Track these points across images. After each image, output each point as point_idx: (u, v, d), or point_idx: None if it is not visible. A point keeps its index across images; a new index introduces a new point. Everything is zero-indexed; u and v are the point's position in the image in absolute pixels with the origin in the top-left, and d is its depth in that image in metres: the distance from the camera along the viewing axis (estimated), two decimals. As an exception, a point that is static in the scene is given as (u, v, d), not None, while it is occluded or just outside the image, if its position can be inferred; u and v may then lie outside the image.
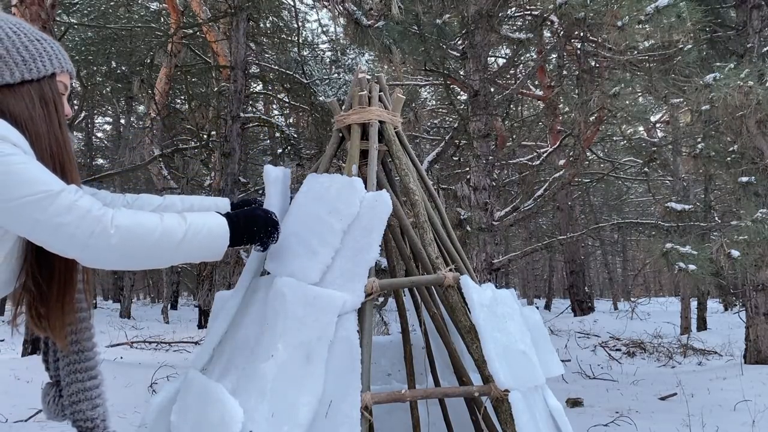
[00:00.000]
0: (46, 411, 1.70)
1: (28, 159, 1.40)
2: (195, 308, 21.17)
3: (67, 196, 1.40)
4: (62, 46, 1.63)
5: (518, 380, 2.08)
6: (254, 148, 17.49)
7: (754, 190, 6.84)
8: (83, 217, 1.40)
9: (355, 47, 9.97)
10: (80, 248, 1.42)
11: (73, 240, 1.40)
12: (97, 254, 1.44)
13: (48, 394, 1.69)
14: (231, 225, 1.70)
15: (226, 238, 1.68)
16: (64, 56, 1.61)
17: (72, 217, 1.39)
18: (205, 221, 1.63)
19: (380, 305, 7.35)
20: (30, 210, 1.36)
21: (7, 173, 1.34)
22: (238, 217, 1.75)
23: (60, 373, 1.65)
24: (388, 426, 2.99)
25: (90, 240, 1.41)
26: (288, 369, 1.90)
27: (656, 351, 10.21)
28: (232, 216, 1.73)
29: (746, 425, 5.07)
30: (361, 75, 2.58)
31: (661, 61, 6.88)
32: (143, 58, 10.74)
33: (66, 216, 1.38)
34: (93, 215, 1.42)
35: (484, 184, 7.84)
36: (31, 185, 1.36)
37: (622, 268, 31.06)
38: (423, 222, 2.39)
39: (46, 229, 1.38)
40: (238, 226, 1.73)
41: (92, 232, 1.41)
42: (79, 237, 1.40)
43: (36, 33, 1.56)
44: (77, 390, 1.63)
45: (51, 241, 1.41)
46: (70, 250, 1.43)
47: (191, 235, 1.57)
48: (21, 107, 1.48)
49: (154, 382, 6.24)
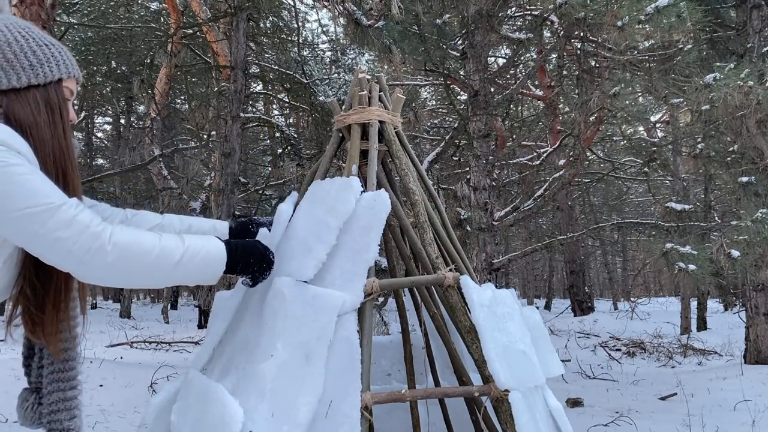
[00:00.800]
0: (21, 417, 1.67)
1: (31, 169, 1.40)
2: (195, 308, 21.17)
3: (68, 210, 1.39)
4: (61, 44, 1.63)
5: (518, 380, 2.08)
6: (254, 148, 17.51)
7: (754, 190, 6.84)
8: (82, 233, 1.40)
9: (355, 47, 9.97)
10: (76, 264, 1.42)
11: (69, 255, 1.40)
12: (93, 271, 1.44)
13: (27, 401, 1.66)
14: (229, 251, 1.69)
15: (222, 264, 1.67)
16: (72, 62, 1.60)
17: (71, 232, 1.38)
18: (203, 245, 1.62)
19: (380, 305, 7.35)
20: (30, 222, 1.35)
21: (9, 183, 1.34)
22: (237, 246, 1.74)
23: (42, 380, 1.63)
24: (388, 426, 2.99)
25: (86, 256, 1.40)
26: (288, 369, 1.90)
27: (656, 351, 10.21)
28: (231, 243, 1.72)
29: (746, 425, 5.07)
30: (361, 75, 2.58)
31: (661, 61, 6.88)
32: (143, 58, 10.74)
33: (65, 231, 1.38)
34: (91, 231, 1.41)
35: (484, 184, 7.84)
36: (33, 197, 1.36)
37: (622, 268, 31.07)
38: (423, 222, 2.40)
39: (44, 243, 1.38)
40: (236, 254, 1.71)
41: (89, 248, 1.40)
42: (76, 253, 1.40)
43: (44, 38, 1.56)
44: (58, 399, 1.61)
45: (48, 254, 1.41)
46: (66, 264, 1.43)
47: (188, 258, 1.57)
48: (26, 112, 1.48)
49: (154, 382, 6.24)
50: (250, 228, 2.21)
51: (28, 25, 1.57)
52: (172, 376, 6.37)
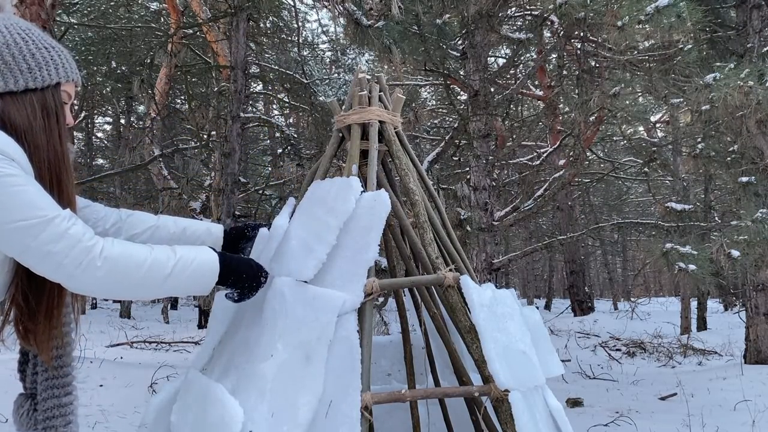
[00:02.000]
0: (17, 423, 1.67)
1: (26, 179, 1.39)
2: (195, 308, 21.17)
3: (60, 223, 1.39)
4: (62, 46, 1.62)
5: (518, 380, 2.08)
6: (254, 148, 17.52)
7: (754, 190, 6.84)
8: (73, 247, 1.39)
9: (355, 47, 9.96)
10: (66, 277, 1.42)
11: (60, 268, 1.40)
12: (83, 284, 1.44)
13: (22, 407, 1.66)
14: (222, 263, 1.67)
15: (215, 276, 1.65)
16: (72, 65, 1.59)
17: (61, 245, 1.38)
18: (194, 256, 1.60)
19: (380, 305, 7.35)
20: (21, 235, 1.35)
21: (3, 195, 1.34)
22: (231, 259, 1.72)
23: (37, 386, 1.63)
24: (388, 426, 2.99)
25: (77, 270, 1.40)
26: (288, 369, 1.90)
27: (656, 351, 10.21)
28: (224, 255, 1.70)
29: (746, 425, 5.07)
30: (361, 75, 2.58)
31: (661, 61, 6.88)
32: (143, 58, 10.73)
33: (56, 244, 1.38)
34: (82, 246, 1.41)
35: (484, 184, 7.84)
36: (26, 210, 1.35)
37: (622, 268, 31.07)
38: (423, 222, 2.40)
39: (35, 256, 1.38)
40: (230, 267, 1.69)
41: (80, 263, 1.40)
42: (67, 266, 1.40)
43: (45, 40, 1.54)
44: (53, 405, 1.61)
45: (39, 266, 1.41)
46: (57, 276, 1.42)
47: (179, 270, 1.56)
48: (22, 116, 1.47)
49: (154, 382, 6.24)
50: (246, 232, 2.19)
51: (29, 27, 1.55)
52: (172, 376, 6.37)
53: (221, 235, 2.10)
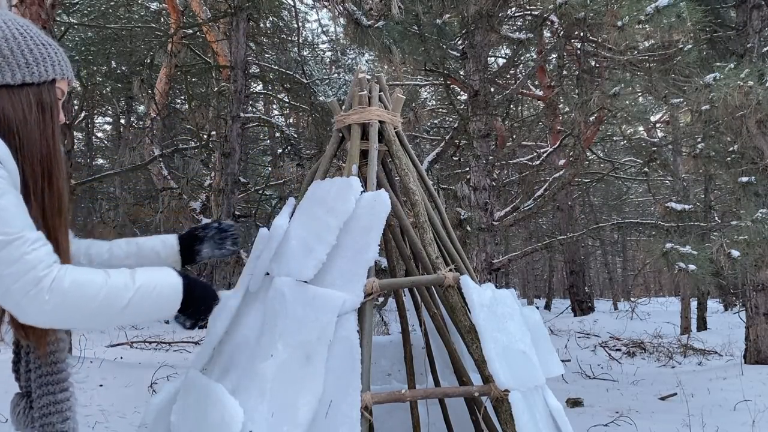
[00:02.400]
0: (15, 422, 1.66)
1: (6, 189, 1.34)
2: (195, 308, 21.10)
3: (20, 246, 1.33)
4: (62, 46, 1.63)
5: (518, 380, 2.08)
6: (254, 148, 17.50)
7: (754, 190, 6.84)
8: (25, 273, 1.32)
9: (355, 47, 9.96)
10: (13, 304, 1.35)
11: (6, 295, 1.33)
12: (29, 316, 1.37)
13: (18, 405, 1.65)
14: (186, 288, 1.58)
15: (177, 302, 1.56)
16: (67, 63, 1.60)
17: (12, 270, 1.32)
18: (156, 284, 1.52)
19: (380, 305, 7.36)
20: None
21: None
22: (196, 285, 1.62)
23: (31, 384, 1.62)
24: (388, 426, 2.99)
25: (23, 300, 1.33)
26: (288, 369, 1.90)
27: (656, 351, 10.22)
28: (189, 279, 1.60)
29: (746, 425, 5.07)
30: (361, 75, 2.58)
31: (661, 61, 6.88)
32: (143, 58, 10.73)
33: (8, 268, 1.31)
34: (33, 275, 1.33)
35: (484, 184, 7.84)
36: None
37: (622, 268, 31.05)
38: (423, 222, 2.40)
39: None
40: (193, 295, 1.60)
41: (27, 292, 1.33)
42: (13, 294, 1.33)
43: (42, 37, 1.55)
44: (48, 402, 1.59)
45: None
46: (5, 303, 1.36)
47: (138, 299, 1.47)
48: (17, 110, 1.46)
49: (154, 382, 6.23)
50: (197, 233, 2.06)
51: (26, 23, 1.56)
52: (172, 376, 6.37)
53: (176, 243, 2.00)
